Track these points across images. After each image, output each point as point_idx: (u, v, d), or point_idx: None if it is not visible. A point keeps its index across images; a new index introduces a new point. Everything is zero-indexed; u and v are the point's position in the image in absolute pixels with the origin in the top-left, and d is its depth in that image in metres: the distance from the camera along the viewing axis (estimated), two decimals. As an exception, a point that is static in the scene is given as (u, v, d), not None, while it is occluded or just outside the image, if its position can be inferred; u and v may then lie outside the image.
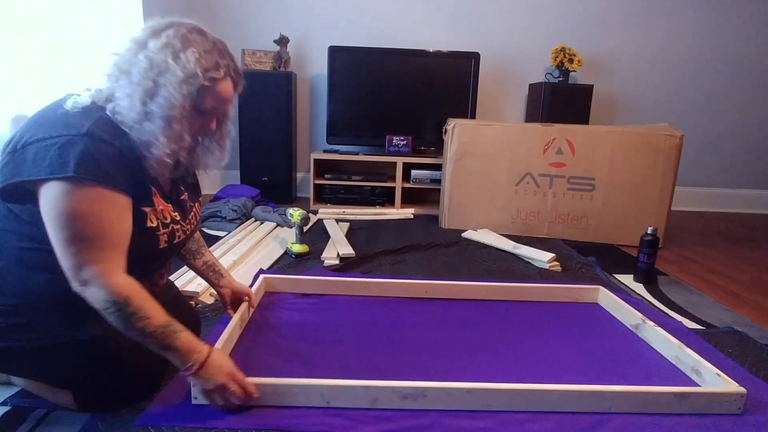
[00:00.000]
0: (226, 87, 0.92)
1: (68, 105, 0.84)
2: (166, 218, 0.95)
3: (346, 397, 0.98)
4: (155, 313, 0.85)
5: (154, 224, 0.92)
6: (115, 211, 0.83)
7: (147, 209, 0.91)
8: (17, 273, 0.86)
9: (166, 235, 0.95)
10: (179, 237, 1.00)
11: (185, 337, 0.87)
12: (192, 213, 1.08)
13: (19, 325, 0.88)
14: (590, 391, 1.00)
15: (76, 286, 0.81)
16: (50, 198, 0.79)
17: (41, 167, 0.78)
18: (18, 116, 1.58)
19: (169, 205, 0.98)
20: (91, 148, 0.79)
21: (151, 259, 0.98)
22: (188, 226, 1.05)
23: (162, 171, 0.93)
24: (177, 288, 1.23)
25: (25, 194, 0.82)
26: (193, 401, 0.96)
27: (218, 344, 1.09)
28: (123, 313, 0.81)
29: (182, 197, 1.05)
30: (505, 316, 1.47)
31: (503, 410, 0.99)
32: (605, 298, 1.57)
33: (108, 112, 0.85)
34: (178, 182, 1.05)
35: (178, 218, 0.99)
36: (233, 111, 1.04)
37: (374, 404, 0.98)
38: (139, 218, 0.89)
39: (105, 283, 0.80)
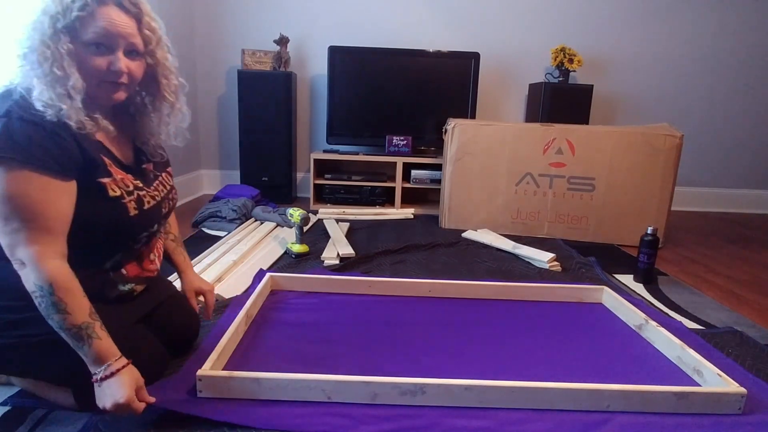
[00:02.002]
0: (109, 12, 0.86)
1: None
2: (128, 186, 0.94)
3: (346, 392, 0.98)
4: (77, 309, 0.82)
5: (118, 193, 0.91)
6: (46, 194, 0.81)
7: (105, 180, 0.90)
8: (7, 269, 0.85)
9: (133, 202, 0.94)
10: (149, 203, 0.98)
11: (99, 345, 0.83)
12: (158, 181, 1.05)
13: (14, 321, 0.88)
14: (590, 390, 1.00)
15: (16, 266, 0.81)
16: None
17: None
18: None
19: (129, 174, 0.96)
20: (11, 129, 0.79)
21: (128, 231, 0.96)
22: (156, 193, 1.02)
23: (103, 134, 0.92)
24: (175, 287, 1.22)
25: None
26: (198, 395, 0.97)
27: (222, 341, 1.11)
28: (47, 299, 0.80)
29: (144, 166, 1.03)
30: (509, 315, 1.47)
31: (502, 407, 0.99)
32: (609, 298, 1.57)
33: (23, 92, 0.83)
34: (140, 154, 1.03)
35: (140, 185, 0.98)
36: (168, 58, 1.00)
37: (374, 399, 0.99)
38: (99, 190, 0.89)
39: (36, 266, 0.79)
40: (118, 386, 0.83)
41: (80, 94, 0.85)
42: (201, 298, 1.22)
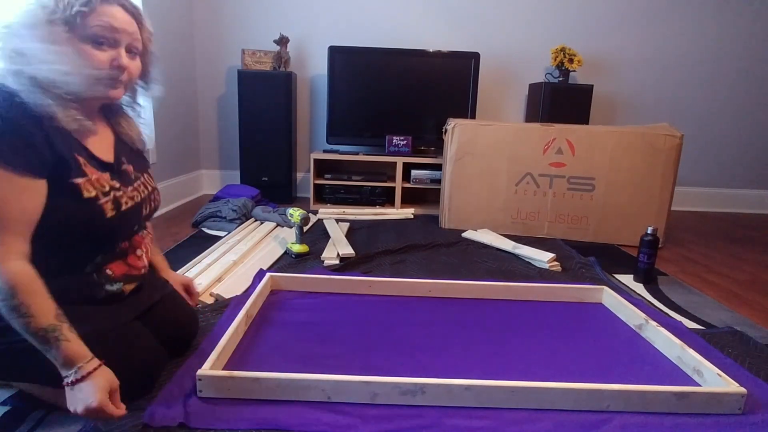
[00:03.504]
0: (112, 10, 0.87)
1: None
2: (104, 186, 0.92)
3: (346, 392, 0.98)
4: (41, 312, 0.78)
5: (93, 194, 0.89)
6: (8, 191, 0.78)
7: (79, 180, 0.87)
8: None
9: (110, 203, 0.92)
10: (127, 204, 0.96)
11: (68, 347, 0.80)
12: (139, 182, 1.04)
13: (5, 327, 0.84)
14: (590, 390, 1.00)
15: None
16: None
17: None
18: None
19: (105, 173, 0.94)
20: None
21: (105, 233, 0.94)
22: (136, 194, 1.01)
23: (81, 131, 0.89)
24: (171, 286, 1.21)
25: None
26: (199, 394, 0.97)
27: (222, 341, 1.11)
28: (6, 303, 0.76)
29: (124, 167, 1.01)
30: (509, 315, 1.47)
31: (502, 407, 0.99)
32: (609, 298, 1.57)
33: None
34: (120, 153, 1.01)
35: (117, 185, 0.96)
36: (152, 60, 1.00)
37: (374, 399, 0.99)
38: (72, 191, 0.86)
39: None
40: (90, 390, 0.79)
41: (63, 87, 0.84)
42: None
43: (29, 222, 0.81)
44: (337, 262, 1.90)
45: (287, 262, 1.91)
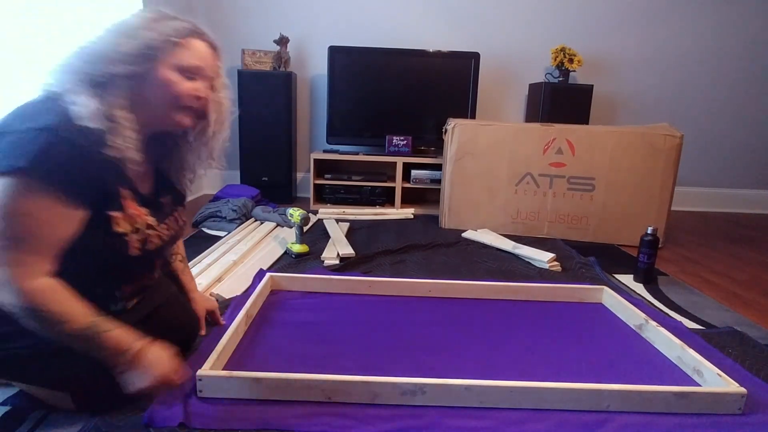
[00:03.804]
0: (202, 45, 0.90)
1: (38, 95, 0.81)
2: (136, 222, 0.90)
3: (346, 392, 0.98)
4: (75, 314, 0.79)
5: (122, 229, 0.87)
6: (52, 216, 0.77)
7: (115, 214, 0.86)
8: None
9: (138, 242, 0.90)
10: (154, 243, 0.94)
11: (111, 337, 0.81)
12: (172, 218, 1.03)
13: (11, 333, 0.84)
14: (590, 390, 1.00)
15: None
16: None
17: None
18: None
19: (143, 208, 0.93)
20: (42, 144, 0.74)
21: (123, 269, 0.94)
22: (166, 232, 0.99)
23: (132, 162, 0.86)
24: (174, 287, 1.20)
25: None
26: (199, 394, 0.98)
27: (222, 341, 1.11)
28: (35, 319, 0.77)
29: (162, 200, 1.01)
30: (509, 315, 1.47)
31: (502, 407, 1.00)
32: (609, 298, 1.57)
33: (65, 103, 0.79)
34: (159, 185, 1.01)
35: (152, 223, 0.94)
36: (230, 105, 1.00)
37: (374, 400, 0.99)
38: (103, 223, 0.84)
39: (17, 287, 0.75)
40: (149, 366, 0.83)
41: (132, 119, 0.84)
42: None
43: (60, 247, 0.80)
44: (337, 262, 1.90)
45: (287, 262, 1.91)
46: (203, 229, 2.36)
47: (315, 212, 2.77)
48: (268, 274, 1.57)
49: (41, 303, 0.76)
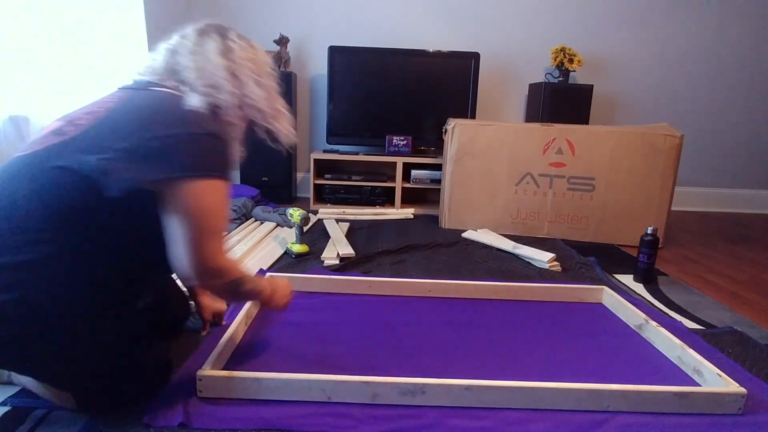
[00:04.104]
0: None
1: (170, 100, 0.87)
2: None
3: (346, 392, 0.99)
4: (243, 274, 0.95)
5: None
6: (226, 201, 0.88)
7: None
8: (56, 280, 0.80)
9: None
10: None
11: (253, 281, 0.99)
12: None
13: (28, 334, 0.80)
14: (590, 390, 1.00)
15: (193, 279, 0.85)
16: (185, 194, 0.80)
17: (175, 165, 0.80)
18: (13, 117, 1.57)
19: None
20: (217, 146, 0.86)
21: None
22: None
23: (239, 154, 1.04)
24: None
25: (139, 194, 0.79)
26: (199, 394, 0.98)
27: (222, 341, 1.11)
28: (228, 290, 0.93)
29: None
30: (509, 315, 1.47)
31: (502, 407, 1.00)
32: (609, 298, 1.57)
33: (207, 107, 0.89)
34: None
35: None
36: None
37: (374, 399, 0.99)
38: None
39: (223, 267, 0.88)
40: (281, 292, 1.11)
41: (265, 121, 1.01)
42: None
43: None
44: (337, 262, 1.90)
45: (287, 262, 1.91)
46: (203, 229, 2.35)
47: (315, 212, 2.77)
48: (268, 274, 1.57)
49: (231, 274, 0.90)
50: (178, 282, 1.24)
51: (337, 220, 2.56)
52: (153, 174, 0.78)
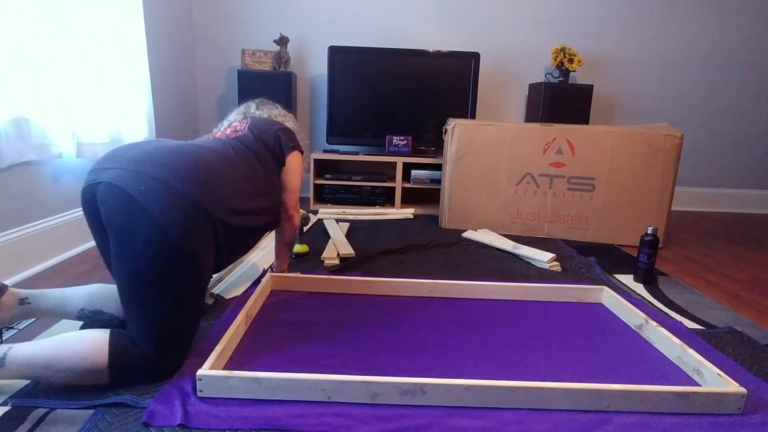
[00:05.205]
0: None
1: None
2: None
3: (346, 392, 0.99)
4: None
5: None
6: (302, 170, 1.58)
7: None
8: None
9: None
10: None
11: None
12: None
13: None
14: (590, 390, 1.00)
15: (293, 216, 1.51)
16: (297, 160, 1.51)
17: (288, 144, 1.49)
18: (17, 118, 1.58)
19: None
20: (294, 133, 1.58)
21: None
22: None
23: None
24: None
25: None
26: (199, 394, 0.98)
27: (222, 341, 1.11)
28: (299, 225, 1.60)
29: None
30: (509, 315, 1.47)
31: (502, 407, 1.00)
32: (609, 298, 1.57)
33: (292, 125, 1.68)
34: None
35: None
36: None
37: (374, 399, 0.99)
38: None
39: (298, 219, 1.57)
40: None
41: None
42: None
43: None
44: (337, 262, 1.90)
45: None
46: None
47: (315, 212, 2.77)
48: (268, 274, 1.57)
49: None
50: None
51: (337, 220, 2.56)
52: (287, 145, 1.49)
